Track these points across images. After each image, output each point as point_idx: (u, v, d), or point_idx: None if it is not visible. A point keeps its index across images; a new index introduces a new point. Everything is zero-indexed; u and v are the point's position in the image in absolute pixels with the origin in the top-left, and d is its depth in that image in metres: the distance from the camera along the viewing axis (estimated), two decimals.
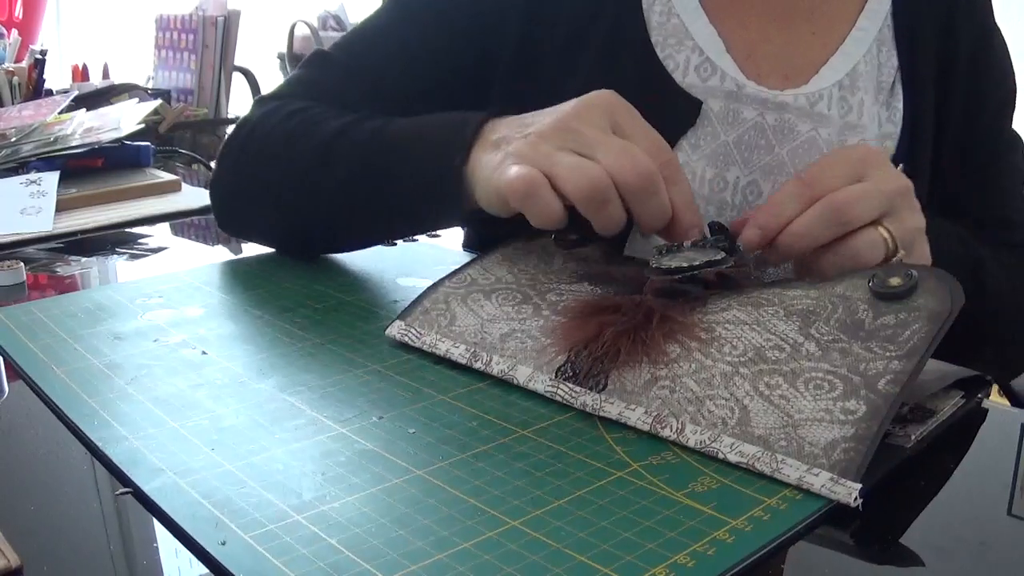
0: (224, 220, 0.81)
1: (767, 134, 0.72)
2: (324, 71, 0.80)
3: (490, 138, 0.61)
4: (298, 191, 0.72)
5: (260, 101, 0.80)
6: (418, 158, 0.65)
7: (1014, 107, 0.80)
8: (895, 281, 0.50)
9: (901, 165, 0.73)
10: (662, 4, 0.74)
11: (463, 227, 0.69)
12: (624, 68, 0.73)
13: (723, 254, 0.56)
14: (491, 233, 0.68)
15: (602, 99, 0.58)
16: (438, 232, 0.77)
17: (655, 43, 0.73)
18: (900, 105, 0.74)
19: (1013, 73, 0.80)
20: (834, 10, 0.75)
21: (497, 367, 0.54)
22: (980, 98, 0.77)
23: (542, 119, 0.59)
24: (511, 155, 0.58)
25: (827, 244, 0.55)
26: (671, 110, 0.72)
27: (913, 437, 0.48)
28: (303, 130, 0.72)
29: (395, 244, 0.77)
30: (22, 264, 0.79)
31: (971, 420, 0.52)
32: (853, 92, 0.73)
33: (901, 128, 0.74)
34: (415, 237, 0.78)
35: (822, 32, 0.74)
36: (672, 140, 0.71)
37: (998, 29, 0.79)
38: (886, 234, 0.55)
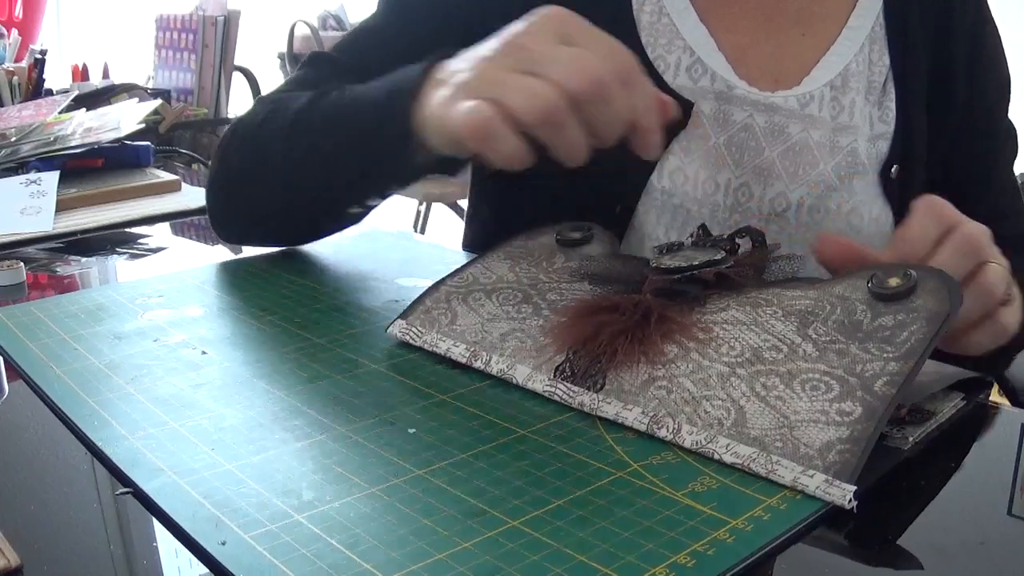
0: (218, 221, 0.78)
1: (757, 136, 0.72)
2: (325, 71, 0.80)
3: (438, 76, 0.58)
4: (271, 168, 0.70)
5: (259, 101, 0.80)
6: (368, 108, 0.63)
7: (1010, 97, 0.81)
8: (894, 281, 0.50)
9: (896, 167, 0.72)
10: (652, 3, 0.74)
11: (430, 175, 0.64)
12: None
13: (723, 254, 0.56)
14: (492, 233, 0.68)
15: (550, 11, 0.55)
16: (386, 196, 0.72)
17: (645, 43, 0.73)
18: (892, 104, 0.74)
19: (1006, 63, 0.80)
20: (825, 10, 0.74)
21: (496, 366, 0.54)
22: (979, 89, 0.77)
23: (489, 43, 0.56)
24: (459, 88, 0.55)
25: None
26: None
27: (911, 439, 0.47)
28: (277, 109, 0.71)
29: (360, 218, 0.73)
30: (22, 264, 0.79)
31: (971, 420, 0.52)
32: (845, 92, 0.73)
33: (894, 127, 0.74)
34: (379, 200, 0.72)
35: (812, 33, 0.74)
36: (664, 143, 0.72)
37: (992, 20, 0.79)
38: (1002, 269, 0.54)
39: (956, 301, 0.48)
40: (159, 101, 1.62)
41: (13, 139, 1.25)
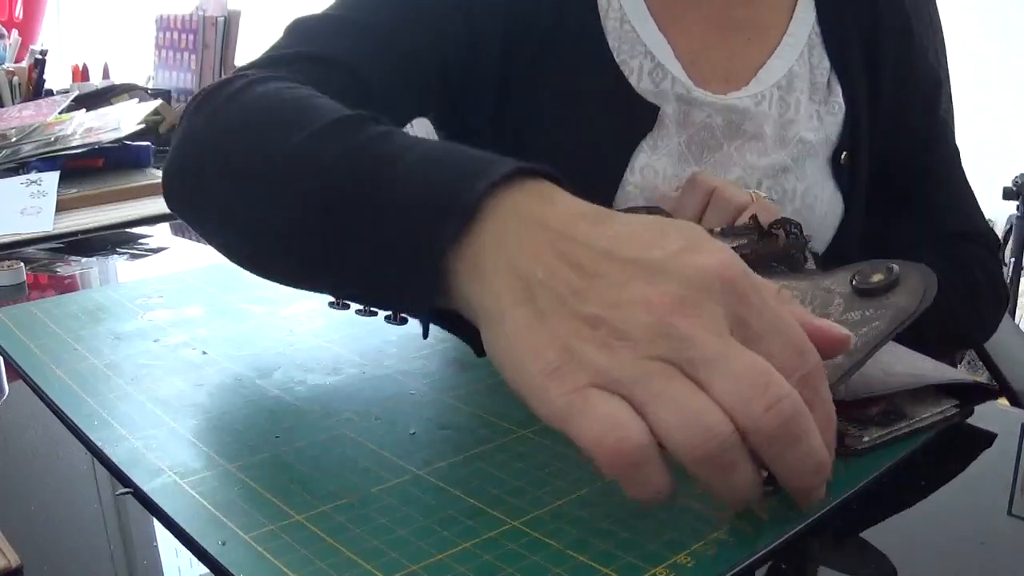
0: (179, 196, 0.57)
1: (716, 133, 0.77)
2: (324, 25, 0.72)
3: (516, 258, 0.39)
4: (267, 177, 0.50)
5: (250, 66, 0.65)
6: (400, 209, 0.43)
7: (940, 100, 0.86)
8: (877, 277, 0.50)
9: (844, 154, 0.79)
10: (615, 11, 0.77)
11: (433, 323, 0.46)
12: (587, 76, 0.76)
13: (743, 242, 0.58)
14: None
15: (718, 272, 0.37)
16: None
17: (612, 49, 0.76)
18: (839, 99, 0.80)
19: (938, 67, 0.87)
20: (766, 20, 0.80)
21: None
22: (908, 94, 0.83)
23: (617, 277, 0.37)
24: (571, 356, 0.36)
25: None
26: (631, 116, 0.75)
27: (866, 439, 0.47)
28: (297, 104, 0.53)
29: (347, 307, 0.58)
30: (22, 264, 0.79)
31: (972, 421, 0.52)
32: (790, 92, 0.78)
33: (844, 118, 0.79)
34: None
35: (757, 40, 0.80)
36: (633, 144, 0.75)
37: (918, 30, 0.85)
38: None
39: (928, 298, 0.48)
40: (159, 101, 1.62)
41: (13, 139, 1.26)
